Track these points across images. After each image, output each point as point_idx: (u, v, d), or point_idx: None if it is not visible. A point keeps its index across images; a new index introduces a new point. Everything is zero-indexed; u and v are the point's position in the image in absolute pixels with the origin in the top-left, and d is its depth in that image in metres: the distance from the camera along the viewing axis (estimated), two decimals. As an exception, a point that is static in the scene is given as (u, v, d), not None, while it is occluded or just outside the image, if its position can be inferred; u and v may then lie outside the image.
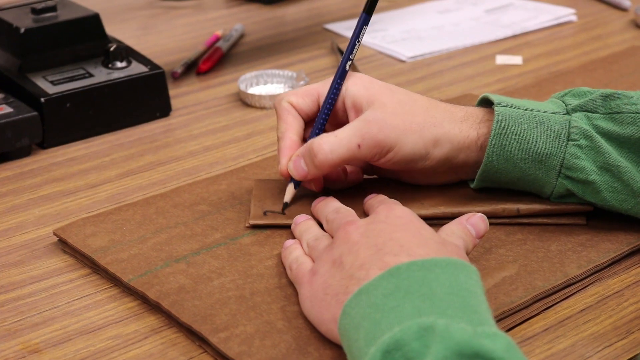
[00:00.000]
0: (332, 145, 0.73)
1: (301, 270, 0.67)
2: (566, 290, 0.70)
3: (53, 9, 1.01)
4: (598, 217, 0.76)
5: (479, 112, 0.76)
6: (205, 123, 1.00)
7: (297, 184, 0.77)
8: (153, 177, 0.88)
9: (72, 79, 0.97)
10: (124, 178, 0.88)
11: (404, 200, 0.76)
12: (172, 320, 0.67)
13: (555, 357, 0.64)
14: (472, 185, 0.77)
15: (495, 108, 0.74)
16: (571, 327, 0.66)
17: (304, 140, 0.77)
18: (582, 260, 0.72)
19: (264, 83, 1.08)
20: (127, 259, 0.72)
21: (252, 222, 0.76)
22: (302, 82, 1.05)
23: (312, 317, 0.64)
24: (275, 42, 1.23)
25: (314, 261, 0.67)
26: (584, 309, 0.68)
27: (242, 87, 1.05)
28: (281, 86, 1.07)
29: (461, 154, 0.75)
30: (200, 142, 0.95)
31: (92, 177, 0.89)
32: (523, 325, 0.67)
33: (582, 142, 0.73)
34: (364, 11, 0.77)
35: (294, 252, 0.70)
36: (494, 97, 0.75)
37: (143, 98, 0.99)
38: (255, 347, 0.62)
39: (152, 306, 0.69)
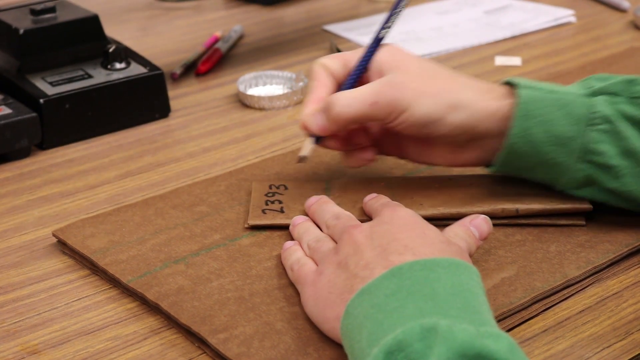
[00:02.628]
0: (348, 99, 0.73)
1: (304, 271, 0.67)
2: (565, 291, 0.70)
3: (52, 10, 1.01)
4: (597, 218, 0.76)
5: (503, 88, 0.76)
6: (204, 124, 1.00)
7: (318, 139, 0.77)
8: (152, 178, 0.88)
9: (71, 80, 0.97)
10: (123, 179, 0.88)
11: (403, 201, 0.76)
12: (171, 321, 0.67)
13: (554, 358, 0.64)
14: (491, 170, 0.76)
15: (519, 90, 0.73)
16: (570, 328, 0.66)
17: None
18: (581, 261, 0.72)
19: (263, 84, 1.08)
20: (126, 260, 0.72)
21: (252, 222, 0.76)
22: (301, 83, 1.05)
23: (314, 316, 0.64)
24: (274, 43, 1.23)
25: (316, 263, 0.67)
26: (583, 310, 0.68)
27: (241, 88, 1.05)
28: (280, 87, 1.07)
29: (481, 124, 0.74)
30: (199, 143, 0.95)
31: (91, 178, 0.89)
32: (522, 326, 0.67)
33: (604, 126, 0.72)
34: None
35: (295, 254, 0.70)
36: (518, 80, 0.75)
37: (142, 99, 0.99)
38: (254, 348, 0.62)
39: (151, 307, 0.69)
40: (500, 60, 1.15)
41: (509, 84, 0.76)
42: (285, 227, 0.76)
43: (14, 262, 0.75)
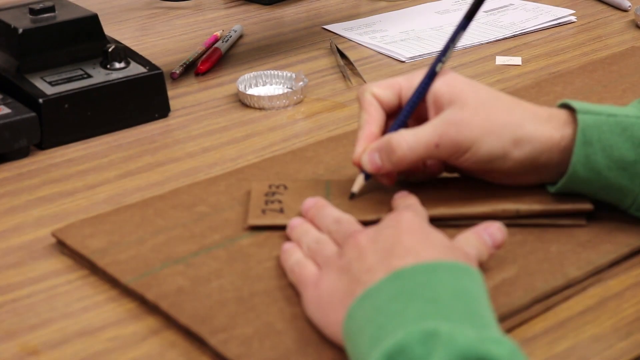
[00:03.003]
0: (410, 143, 0.73)
1: (304, 273, 0.67)
2: (566, 292, 0.69)
3: (51, 9, 1.01)
4: (598, 218, 0.76)
5: (563, 114, 0.75)
6: (204, 124, 1.00)
7: (368, 176, 0.76)
8: (151, 178, 0.88)
9: (70, 80, 0.97)
10: (123, 179, 0.88)
11: (404, 201, 0.76)
12: (170, 322, 0.67)
13: (555, 358, 0.63)
14: (551, 190, 0.76)
15: (578, 116, 0.73)
16: (571, 328, 0.66)
17: (384, 133, 0.77)
18: (582, 261, 0.71)
19: (263, 84, 1.08)
20: (125, 260, 0.72)
21: (251, 222, 0.76)
22: (301, 83, 1.05)
23: (316, 320, 0.63)
24: (274, 43, 1.23)
25: (317, 264, 0.67)
26: (584, 311, 0.68)
27: (241, 87, 1.05)
28: (280, 87, 1.07)
29: (543, 155, 0.74)
30: (199, 143, 0.95)
31: (90, 178, 0.89)
32: (523, 327, 0.66)
33: None
34: (464, 17, 0.76)
35: (294, 255, 0.69)
36: (575, 104, 0.74)
37: (141, 99, 0.99)
38: (254, 349, 0.62)
39: (151, 307, 0.68)
40: (500, 60, 1.15)
41: (567, 107, 0.75)
42: (285, 228, 0.75)
43: (13, 263, 0.75)
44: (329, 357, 0.61)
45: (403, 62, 1.16)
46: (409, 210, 0.69)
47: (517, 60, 1.14)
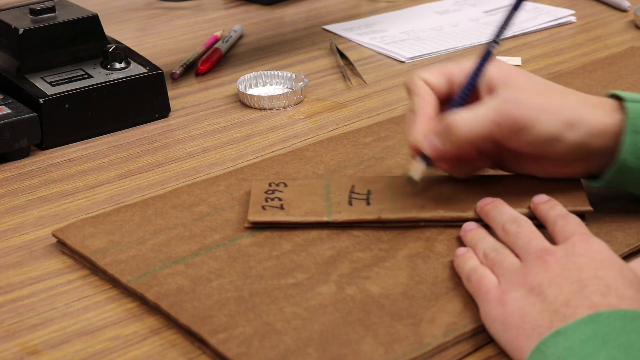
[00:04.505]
0: (470, 121, 0.72)
1: (485, 284, 0.65)
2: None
3: (52, 9, 1.01)
4: (597, 218, 0.76)
5: (612, 102, 0.74)
6: (204, 124, 1.00)
7: (428, 161, 0.75)
8: (152, 178, 0.88)
9: (70, 80, 0.97)
10: (123, 179, 0.88)
11: (403, 203, 0.76)
12: (171, 322, 0.67)
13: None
14: (596, 184, 0.76)
15: (627, 104, 0.72)
16: (571, 328, 0.66)
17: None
18: (581, 261, 0.71)
19: (263, 84, 1.08)
20: (126, 260, 0.72)
21: (251, 218, 0.76)
22: (301, 83, 1.05)
23: (503, 341, 0.62)
24: (274, 43, 1.23)
25: (494, 273, 0.66)
26: (583, 310, 0.68)
27: (241, 88, 1.05)
28: (280, 87, 1.07)
29: (595, 140, 0.73)
30: (199, 143, 0.95)
31: (90, 178, 0.89)
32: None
33: None
34: None
35: (470, 262, 0.68)
36: (623, 94, 0.74)
37: (142, 99, 0.99)
38: (254, 348, 0.62)
39: (151, 307, 0.69)
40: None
41: (615, 97, 0.75)
42: (285, 226, 0.76)
43: (14, 262, 0.75)
44: (329, 357, 0.61)
45: (403, 62, 1.16)
46: (594, 237, 0.66)
47: (517, 60, 1.15)
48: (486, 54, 0.75)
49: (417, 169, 0.75)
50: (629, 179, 0.74)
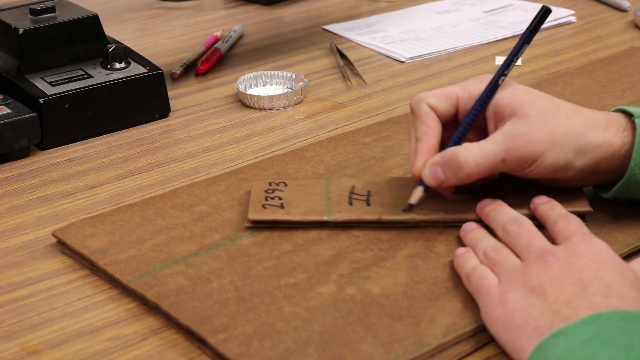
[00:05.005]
0: (477, 159, 0.72)
1: (485, 284, 0.65)
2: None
3: (52, 9, 1.01)
4: (597, 219, 0.76)
5: (621, 119, 0.74)
6: (204, 124, 1.00)
7: (427, 188, 0.75)
8: (152, 178, 0.88)
9: (70, 80, 0.97)
10: (123, 179, 0.88)
11: (404, 205, 0.76)
12: (171, 322, 0.67)
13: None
14: (605, 195, 0.76)
15: (636, 121, 0.73)
16: (571, 328, 0.66)
17: (442, 146, 0.76)
18: (581, 261, 0.71)
19: (263, 84, 1.08)
20: (126, 260, 0.72)
21: (251, 217, 0.76)
22: (301, 83, 1.05)
23: (504, 341, 0.62)
24: (274, 43, 1.23)
25: (494, 272, 0.66)
26: (583, 310, 0.68)
27: (241, 88, 1.05)
28: (280, 87, 1.07)
29: (604, 162, 0.73)
30: (199, 143, 0.95)
31: (90, 178, 0.89)
32: (522, 327, 0.66)
33: None
34: (527, 30, 0.77)
35: (470, 261, 0.68)
36: (632, 110, 0.74)
37: (142, 99, 0.99)
38: (254, 348, 0.62)
39: (151, 307, 0.69)
40: (500, 60, 1.15)
41: (623, 112, 0.75)
42: (284, 226, 0.76)
43: (14, 262, 0.75)
44: (329, 357, 0.61)
45: (403, 62, 1.16)
46: (595, 237, 0.67)
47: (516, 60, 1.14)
48: (492, 87, 0.75)
49: (416, 195, 0.75)
50: (638, 190, 0.74)
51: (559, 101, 0.75)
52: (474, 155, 0.72)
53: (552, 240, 0.68)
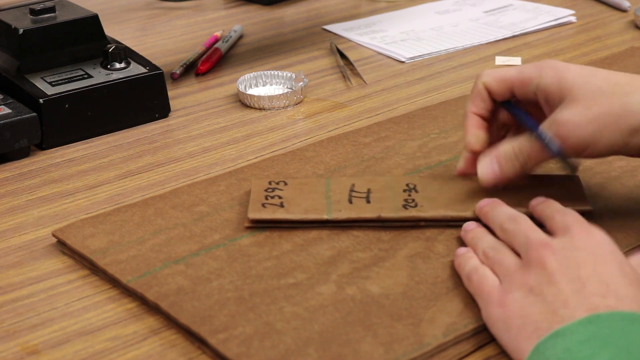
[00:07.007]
0: (534, 159, 0.74)
1: (486, 285, 0.65)
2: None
3: (52, 9, 1.01)
4: (597, 218, 0.76)
5: None
6: (204, 124, 1.00)
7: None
8: (152, 178, 0.88)
9: (70, 80, 0.97)
10: (123, 179, 0.88)
11: (403, 201, 0.76)
12: (171, 322, 0.67)
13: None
14: None
15: None
16: (571, 328, 0.66)
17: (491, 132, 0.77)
18: (581, 261, 0.71)
19: (263, 84, 1.08)
20: (125, 260, 0.72)
21: (251, 216, 0.76)
22: (301, 83, 1.05)
23: (504, 343, 0.62)
24: (274, 43, 1.23)
25: (495, 272, 0.66)
26: (583, 310, 0.68)
27: (241, 88, 1.05)
28: (280, 87, 1.07)
29: None
30: (199, 143, 0.95)
31: (90, 178, 0.89)
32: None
33: None
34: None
35: (471, 261, 0.68)
36: None
37: (142, 99, 0.99)
38: (254, 348, 0.62)
39: (151, 307, 0.69)
40: (500, 60, 1.15)
41: None
42: (284, 225, 0.76)
43: (14, 262, 0.75)
44: (329, 357, 0.61)
45: (403, 62, 1.16)
46: (595, 229, 0.66)
47: (516, 60, 1.15)
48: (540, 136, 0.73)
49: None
50: None
51: (618, 77, 0.73)
52: (535, 150, 0.73)
53: (551, 235, 0.68)
